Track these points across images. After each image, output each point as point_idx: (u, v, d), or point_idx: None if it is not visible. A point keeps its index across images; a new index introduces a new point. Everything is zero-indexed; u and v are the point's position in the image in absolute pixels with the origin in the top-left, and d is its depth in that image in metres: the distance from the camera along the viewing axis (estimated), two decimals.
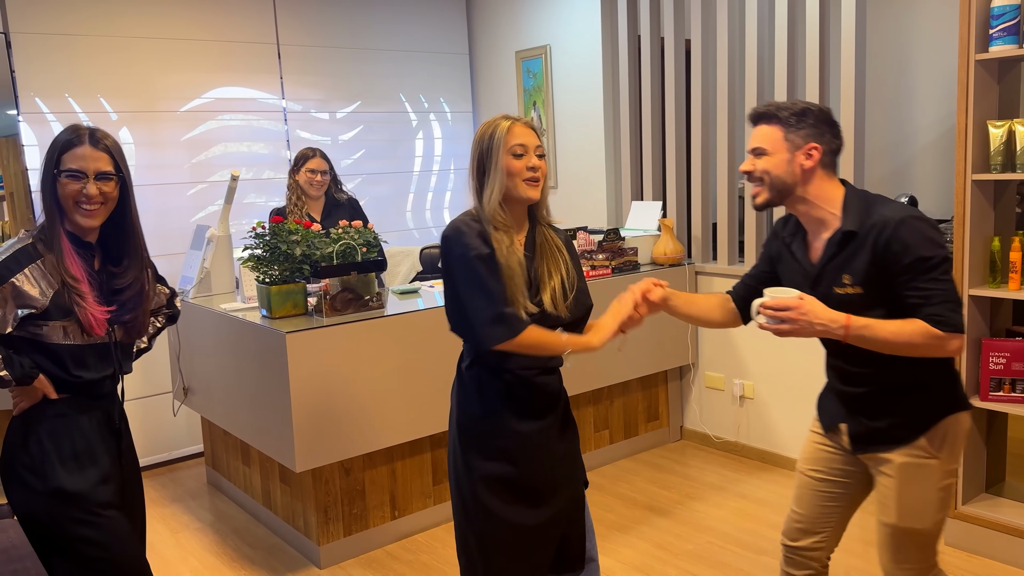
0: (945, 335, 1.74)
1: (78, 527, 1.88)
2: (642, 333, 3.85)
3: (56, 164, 1.84)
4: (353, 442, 2.99)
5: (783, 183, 1.87)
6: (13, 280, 1.80)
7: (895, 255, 1.76)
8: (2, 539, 2.30)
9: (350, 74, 4.78)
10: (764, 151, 1.88)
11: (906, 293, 1.77)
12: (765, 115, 1.89)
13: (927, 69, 4.50)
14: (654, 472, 3.84)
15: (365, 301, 3.05)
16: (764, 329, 1.82)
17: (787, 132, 1.86)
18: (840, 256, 1.84)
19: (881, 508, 1.93)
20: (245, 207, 4.41)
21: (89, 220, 1.87)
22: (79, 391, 1.92)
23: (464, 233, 1.88)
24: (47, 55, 3.82)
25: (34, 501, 1.88)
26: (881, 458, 1.91)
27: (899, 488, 1.88)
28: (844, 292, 1.83)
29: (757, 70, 3.69)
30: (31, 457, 1.87)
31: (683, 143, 4.14)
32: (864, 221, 1.81)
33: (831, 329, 1.77)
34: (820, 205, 1.88)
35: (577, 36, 4.49)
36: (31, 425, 1.89)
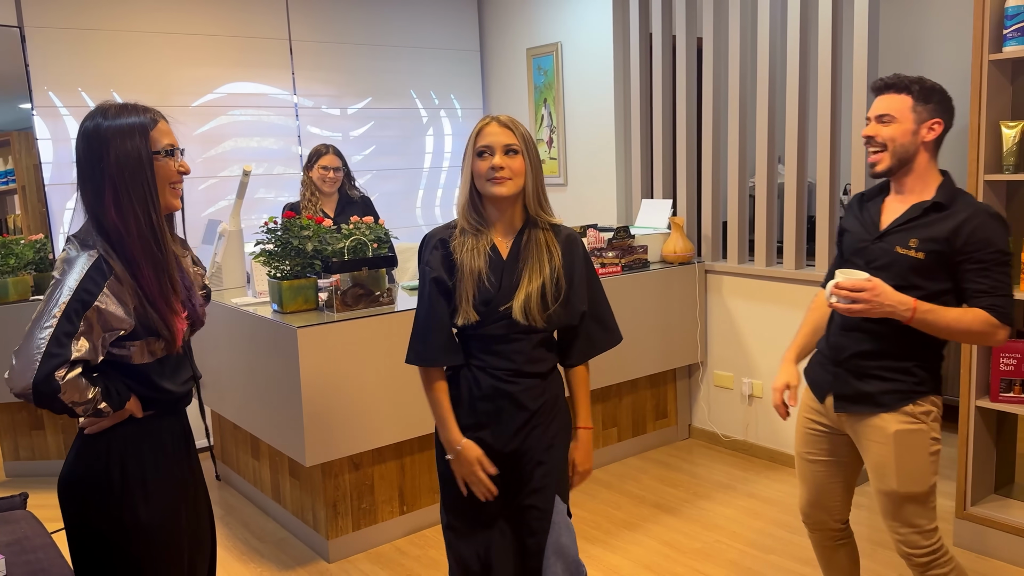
0: (1000, 325, 1.88)
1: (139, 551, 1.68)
2: (652, 331, 3.85)
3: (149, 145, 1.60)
4: (362, 437, 3.00)
5: (905, 152, 1.96)
6: (97, 304, 1.54)
7: (978, 242, 1.89)
8: (16, 530, 2.33)
9: (361, 70, 4.79)
10: (892, 118, 1.95)
11: (976, 279, 1.90)
12: (896, 84, 1.96)
13: (939, 68, 4.48)
14: (662, 470, 3.84)
15: (376, 297, 3.06)
16: (836, 308, 1.92)
17: (916, 103, 1.95)
18: (917, 222, 1.96)
19: (879, 477, 2.03)
20: (256, 202, 4.42)
21: (178, 201, 1.68)
22: (164, 406, 1.73)
23: (425, 242, 1.98)
24: (61, 49, 3.84)
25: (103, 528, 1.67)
26: (865, 425, 2.03)
27: (896, 455, 1.99)
28: (904, 252, 1.95)
29: (769, 68, 3.68)
30: (112, 483, 1.65)
31: (694, 141, 4.14)
32: (955, 201, 1.95)
33: (898, 311, 1.87)
34: (919, 181, 1.99)
35: (589, 33, 4.49)
36: (112, 444, 1.66)
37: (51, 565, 2.07)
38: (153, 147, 1.60)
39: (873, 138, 1.98)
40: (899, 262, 1.96)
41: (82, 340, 1.53)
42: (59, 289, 1.54)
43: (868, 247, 2.04)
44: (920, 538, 2.03)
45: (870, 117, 2.01)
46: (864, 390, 2.02)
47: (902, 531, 2.04)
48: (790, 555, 2.98)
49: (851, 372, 2.05)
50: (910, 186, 2.01)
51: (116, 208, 1.57)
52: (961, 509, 2.98)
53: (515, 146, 1.87)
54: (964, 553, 2.94)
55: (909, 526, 2.03)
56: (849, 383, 2.05)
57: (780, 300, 3.77)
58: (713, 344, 4.08)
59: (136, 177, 1.57)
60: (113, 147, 1.57)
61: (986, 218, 1.91)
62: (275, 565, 3.07)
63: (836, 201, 3.54)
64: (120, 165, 1.57)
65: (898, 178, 2.03)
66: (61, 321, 1.50)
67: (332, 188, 3.75)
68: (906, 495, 2.00)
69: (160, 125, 1.63)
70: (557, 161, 4.75)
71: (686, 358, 4.06)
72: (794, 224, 3.66)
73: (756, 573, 2.87)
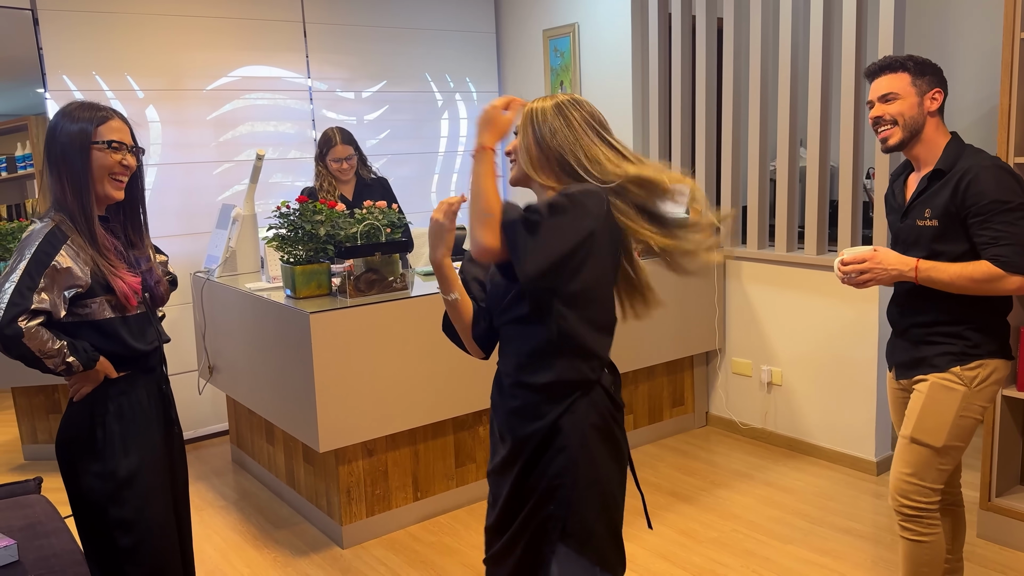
0: (1004, 274, 1.94)
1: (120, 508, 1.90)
2: (669, 317, 3.80)
3: (91, 136, 1.84)
4: (376, 423, 2.98)
5: (916, 123, 2.05)
6: (54, 263, 1.79)
7: (974, 196, 1.95)
8: (29, 514, 2.32)
9: (376, 53, 4.74)
10: (896, 95, 2.05)
11: (979, 232, 1.97)
12: (889, 66, 2.07)
13: (969, 47, 4.37)
14: (679, 458, 3.80)
15: (389, 282, 3.03)
16: (847, 283, 2.07)
17: (913, 78, 2.05)
18: (928, 192, 2.05)
19: (904, 421, 2.14)
20: (271, 187, 4.40)
21: (119, 193, 1.90)
22: (136, 363, 1.94)
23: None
24: (74, 32, 3.82)
25: (91, 484, 1.89)
26: (919, 379, 2.12)
27: (923, 404, 2.07)
28: (923, 224, 2.06)
29: (791, 48, 3.59)
30: (96, 441, 1.88)
31: (713, 124, 4.06)
32: (954, 164, 2.02)
33: (904, 272, 2.01)
34: (930, 148, 2.07)
35: (606, 14, 4.41)
36: (95, 407, 1.89)
37: (63, 550, 2.06)
38: (95, 138, 1.84)
39: (881, 117, 2.07)
40: (923, 235, 2.06)
41: (43, 294, 1.77)
42: (21, 252, 1.79)
43: (900, 228, 2.15)
44: (916, 491, 2.09)
45: (873, 100, 2.10)
46: (919, 356, 2.12)
47: (904, 476, 2.10)
48: (808, 545, 2.94)
49: (909, 341, 2.15)
50: (924, 157, 2.10)
51: (60, 188, 1.84)
52: (986, 500, 2.92)
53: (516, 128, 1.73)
54: (988, 545, 2.88)
55: (914, 476, 2.08)
56: (907, 351, 2.16)
57: (801, 286, 3.70)
58: (732, 331, 4.02)
59: (71, 163, 1.83)
60: (60, 137, 1.84)
61: (980, 171, 1.96)
62: (289, 551, 3.07)
63: (859, 185, 3.46)
64: (63, 151, 1.83)
65: (911, 151, 2.10)
66: (23, 277, 1.75)
67: (349, 176, 3.72)
68: (917, 441, 2.08)
69: (111, 123, 1.86)
70: None
71: (704, 345, 4.00)
72: (816, 209, 3.59)
73: (774, 563, 2.83)
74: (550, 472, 1.60)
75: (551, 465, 1.60)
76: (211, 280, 3.54)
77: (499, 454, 1.70)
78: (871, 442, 3.51)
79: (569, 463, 1.59)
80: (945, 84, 2.08)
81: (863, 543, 2.94)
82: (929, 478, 2.08)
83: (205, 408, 4.25)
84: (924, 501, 2.09)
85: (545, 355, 1.59)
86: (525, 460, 1.62)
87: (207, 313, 3.66)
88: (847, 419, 3.58)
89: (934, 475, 2.07)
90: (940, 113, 2.08)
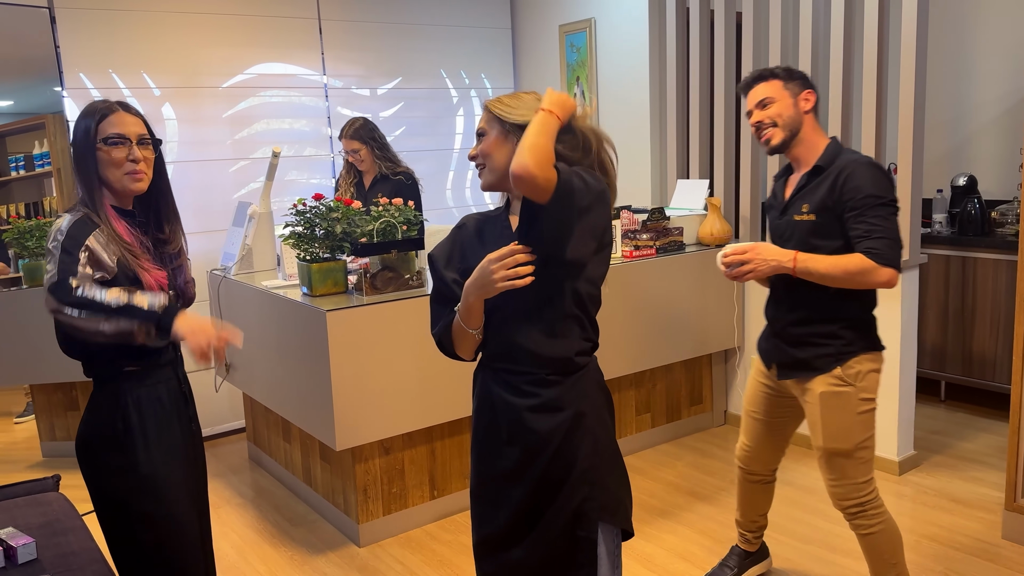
0: (876, 266, 2.05)
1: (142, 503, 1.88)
2: (687, 315, 3.76)
3: (95, 135, 1.82)
4: (393, 421, 2.96)
5: (794, 122, 2.18)
6: (88, 243, 1.77)
7: (851, 190, 2.07)
8: (47, 512, 2.33)
9: (391, 49, 4.73)
10: (771, 100, 2.18)
11: (853, 226, 2.08)
12: (759, 77, 2.22)
13: (991, 41, 4.30)
14: (697, 457, 3.77)
15: (405, 280, 3.01)
16: (729, 276, 2.16)
17: (784, 83, 2.19)
18: (806, 188, 2.18)
19: (812, 435, 2.26)
20: (287, 184, 4.40)
21: (139, 184, 1.86)
22: (159, 356, 1.92)
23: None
24: (91, 30, 3.82)
25: (113, 479, 1.88)
26: (803, 387, 2.24)
27: (822, 414, 2.19)
28: (801, 219, 2.18)
29: (812, 43, 3.54)
30: (118, 436, 1.86)
31: (732, 118, 4.01)
32: (833, 161, 2.15)
33: (782, 263, 2.11)
34: (810, 149, 2.20)
35: (623, 9, 4.37)
36: (118, 399, 1.87)
37: (81, 548, 2.06)
38: (98, 136, 1.82)
39: (762, 122, 2.20)
40: (799, 228, 2.18)
41: (87, 268, 1.76)
42: (55, 239, 1.78)
43: (777, 224, 2.28)
44: (852, 490, 2.22)
45: (751, 108, 2.22)
46: (799, 357, 2.23)
47: (834, 482, 2.23)
48: (828, 545, 2.90)
49: (786, 341, 2.26)
50: (804, 158, 2.22)
51: (79, 185, 1.85)
52: (1011, 501, 2.87)
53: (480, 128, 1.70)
54: (1013, 546, 2.83)
55: (842, 478, 2.21)
56: (786, 351, 2.27)
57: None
58: (751, 329, 3.98)
59: (81, 162, 1.83)
60: (73, 137, 1.85)
61: (856, 167, 2.09)
62: (306, 548, 3.06)
63: None
64: (75, 151, 1.85)
65: (792, 152, 2.23)
66: (62, 257, 1.75)
67: (365, 167, 3.74)
68: (832, 451, 2.20)
69: (111, 117, 1.84)
70: None
71: (722, 343, 3.96)
72: None
73: (793, 563, 2.79)
74: (579, 458, 1.65)
75: (579, 451, 1.65)
76: (227, 278, 3.54)
77: (508, 457, 1.68)
78: (893, 441, 3.46)
79: (594, 445, 1.67)
80: (815, 87, 2.23)
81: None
82: (856, 474, 2.21)
83: (222, 405, 4.26)
84: (861, 495, 2.22)
85: (558, 332, 1.64)
86: (551, 454, 1.64)
87: (224, 311, 3.66)
88: None
89: (859, 470, 2.21)
90: (815, 113, 2.22)
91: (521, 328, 1.64)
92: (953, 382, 4.20)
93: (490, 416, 1.71)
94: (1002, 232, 4.07)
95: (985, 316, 4.00)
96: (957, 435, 3.86)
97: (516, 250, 1.55)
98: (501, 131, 1.64)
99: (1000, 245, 3.92)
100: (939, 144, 4.56)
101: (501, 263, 1.55)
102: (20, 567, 1.92)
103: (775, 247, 2.15)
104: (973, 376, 4.09)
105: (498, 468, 1.70)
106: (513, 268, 1.54)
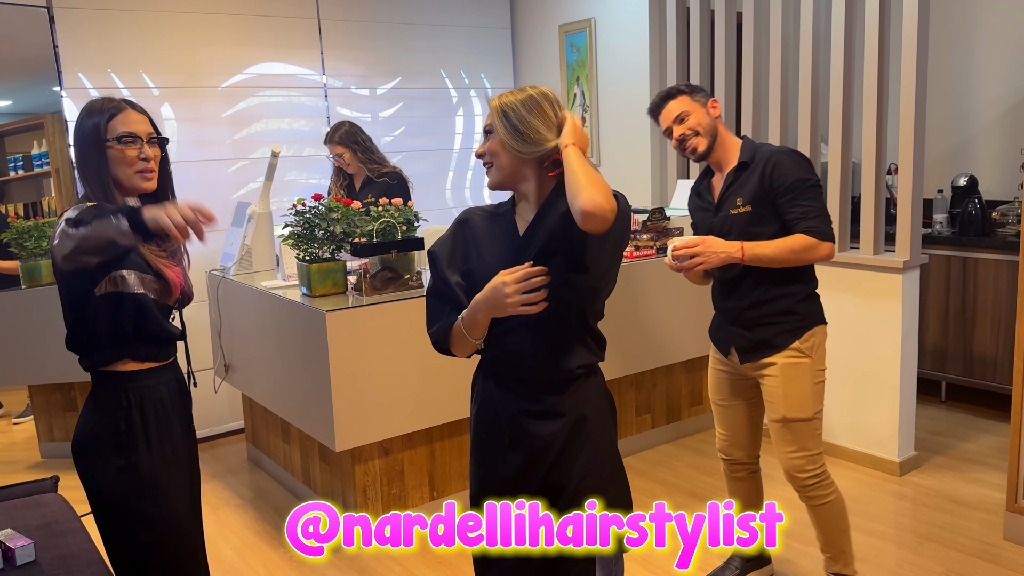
0: (819, 242, 2.20)
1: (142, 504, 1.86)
2: (687, 315, 3.76)
3: (105, 133, 1.80)
4: (392, 422, 2.95)
5: (712, 127, 2.32)
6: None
7: (780, 177, 2.21)
8: (46, 513, 2.32)
9: (391, 49, 4.72)
10: (687, 112, 2.30)
11: (788, 210, 2.22)
12: (667, 96, 2.34)
13: (991, 41, 4.30)
14: (697, 458, 3.76)
15: (405, 280, 3.00)
16: (677, 269, 2.24)
17: (692, 97, 2.32)
18: (735, 183, 2.30)
19: (770, 407, 2.37)
20: (286, 184, 4.39)
21: (149, 183, 1.85)
22: (164, 346, 1.90)
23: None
24: (90, 30, 3.81)
25: (113, 478, 1.85)
26: (765, 363, 2.34)
27: (784, 385, 2.31)
28: (737, 212, 2.28)
29: (813, 42, 3.54)
30: (119, 435, 1.84)
31: (733, 119, 4.00)
32: (755, 155, 2.29)
33: (731, 254, 2.21)
34: (729, 149, 2.34)
35: (623, 9, 4.36)
36: (120, 398, 1.85)
37: (80, 550, 2.05)
38: (108, 135, 1.79)
39: (684, 134, 2.31)
40: (737, 221, 2.28)
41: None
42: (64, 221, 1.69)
43: (712, 223, 2.36)
44: (806, 462, 2.34)
45: (670, 126, 2.33)
46: (758, 339, 2.34)
47: (791, 455, 2.34)
48: None
49: (743, 326, 2.36)
50: (725, 159, 2.34)
51: (86, 185, 1.82)
52: (1012, 502, 2.86)
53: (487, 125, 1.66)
54: (1014, 547, 2.83)
55: (800, 450, 2.33)
56: (745, 336, 2.37)
57: (822, 284, 3.63)
58: None
59: (88, 161, 1.80)
60: (78, 135, 1.82)
61: (780, 156, 2.24)
62: None
63: (882, 181, 3.40)
64: (80, 150, 1.81)
65: (714, 157, 2.35)
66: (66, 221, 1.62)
67: (351, 171, 3.78)
68: (793, 419, 2.32)
69: (121, 116, 1.81)
70: (590, 140, 4.65)
71: None
72: (837, 205, 3.53)
73: (796, 565, 2.79)
74: (580, 464, 1.65)
75: (580, 457, 1.65)
76: (227, 278, 3.53)
77: (510, 463, 1.67)
78: (894, 442, 3.45)
79: (595, 451, 1.66)
80: (712, 95, 2.44)
81: (886, 544, 2.89)
82: (812, 445, 2.34)
83: (221, 406, 4.25)
84: (816, 467, 2.35)
85: (565, 348, 1.63)
86: (552, 459, 1.64)
87: (223, 311, 3.65)
88: (869, 419, 3.53)
89: (814, 441, 2.35)
90: (721, 120, 2.39)
91: (526, 342, 1.62)
92: (954, 383, 4.19)
93: (492, 420, 1.70)
94: (1003, 232, 4.06)
95: (986, 316, 4.00)
96: (958, 436, 3.85)
97: (532, 272, 1.52)
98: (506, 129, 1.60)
99: (1001, 245, 3.91)
100: (939, 144, 4.56)
101: (516, 286, 1.51)
102: (19, 569, 1.91)
103: (721, 240, 2.24)
104: (974, 377, 4.08)
105: (500, 473, 1.68)
106: (528, 292, 1.52)
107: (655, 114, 2.38)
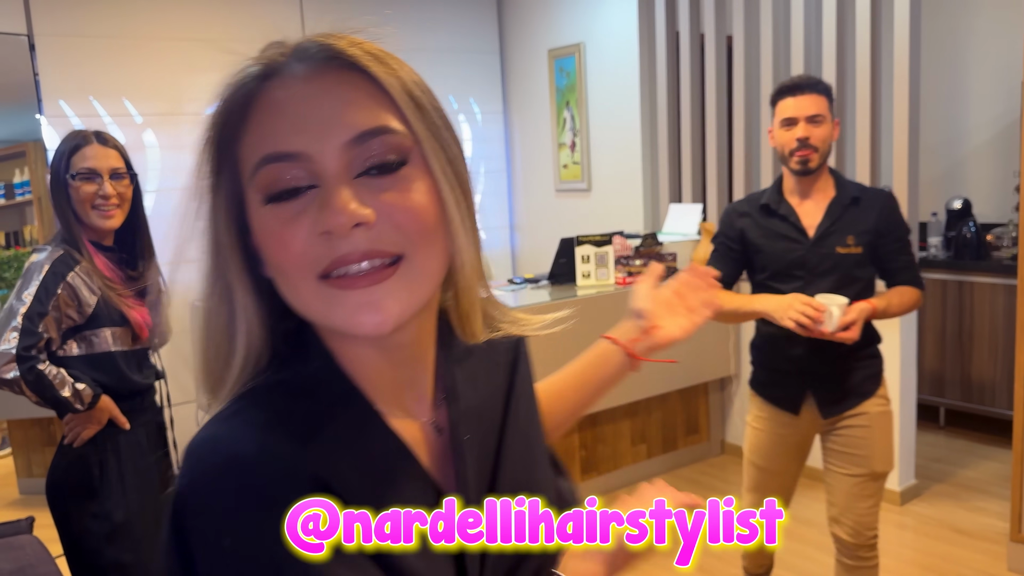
0: (922, 292, 2.10)
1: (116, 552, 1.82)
2: (682, 344, 3.69)
3: (66, 168, 1.77)
4: None
5: (828, 152, 2.04)
6: (68, 279, 1.72)
7: (895, 224, 2.07)
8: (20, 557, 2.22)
9: None
10: (823, 119, 1.99)
11: (895, 257, 2.07)
12: (816, 85, 2.01)
13: (983, 63, 4.29)
14: (694, 488, 3.68)
15: None
16: (843, 339, 1.92)
17: (830, 104, 2.04)
18: (843, 219, 2.05)
19: (852, 460, 2.10)
20: None
21: (108, 222, 1.80)
22: (137, 397, 1.88)
23: None
24: (71, 57, 3.76)
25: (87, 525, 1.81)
26: (851, 413, 2.10)
27: (878, 436, 2.09)
28: (846, 252, 2.05)
29: (804, 67, 3.51)
30: (92, 480, 1.80)
31: (725, 142, 3.97)
32: (863, 190, 2.09)
33: (866, 311, 1.95)
34: (822, 177, 2.08)
35: (612, 33, 4.34)
36: (99, 445, 1.81)
37: None
38: (69, 170, 1.79)
39: (809, 138, 1.98)
40: (844, 261, 2.05)
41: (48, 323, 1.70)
42: (29, 278, 1.71)
43: (805, 256, 2.07)
44: (875, 519, 2.13)
45: (797, 117, 1.99)
46: (846, 387, 2.11)
47: (869, 511, 2.12)
48: None
49: (831, 377, 2.10)
50: (816, 186, 2.07)
51: (57, 218, 1.81)
52: (1016, 532, 2.80)
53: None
54: None
55: (875, 505, 2.13)
56: (831, 385, 2.11)
57: None
58: (747, 357, 3.90)
59: (55, 196, 1.80)
60: (51, 169, 1.82)
61: (893, 201, 2.10)
62: None
63: None
64: (50, 183, 1.82)
65: (808, 180, 2.06)
66: (34, 303, 1.68)
67: None
68: (881, 474, 2.12)
69: (84, 150, 1.78)
70: (580, 166, 4.61)
71: (719, 371, 3.89)
72: None
73: (796, 565, 2.71)
74: None
75: None
76: None
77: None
78: (895, 470, 3.38)
79: None
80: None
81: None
82: (880, 499, 2.17)
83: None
84: (877, 524, 2.17)
85: None
86: None
87: None
88: None
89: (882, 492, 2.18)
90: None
91: None
92: (952, 408, 4.14)
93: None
94: (998, 256, 4.03)
95: (983, 341, 3.95)
96: (958, 463, 3.79)
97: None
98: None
99: (997, 269, 3.88)
100: (933, 167, 4.53)
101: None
102: None
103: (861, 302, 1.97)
104: (973, 402, 4.02)
105: None
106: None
107: (788, 93, 2.00)
